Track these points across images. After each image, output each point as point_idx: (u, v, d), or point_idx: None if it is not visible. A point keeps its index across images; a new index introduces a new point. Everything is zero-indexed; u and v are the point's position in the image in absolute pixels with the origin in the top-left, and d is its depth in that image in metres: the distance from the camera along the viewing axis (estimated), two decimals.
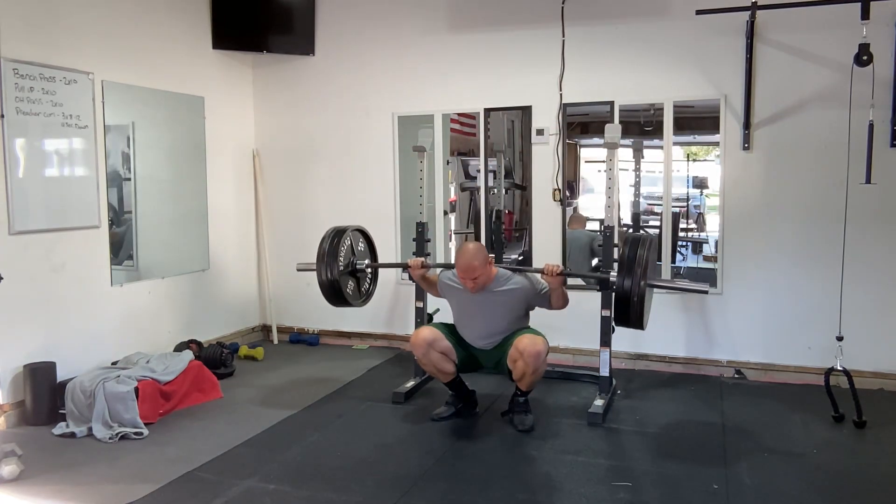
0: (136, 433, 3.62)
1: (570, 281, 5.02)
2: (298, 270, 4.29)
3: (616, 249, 3.86)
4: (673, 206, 4.72)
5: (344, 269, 4.09)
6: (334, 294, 4.07)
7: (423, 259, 4.04)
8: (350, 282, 4.17)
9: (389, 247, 5.31)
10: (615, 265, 3.96)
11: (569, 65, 4.79)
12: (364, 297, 4.33)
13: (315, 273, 4.05)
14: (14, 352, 3.79)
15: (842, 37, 4.09)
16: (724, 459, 3.28)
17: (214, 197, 5.25)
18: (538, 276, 3.72)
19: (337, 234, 4.09)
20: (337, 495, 2.96)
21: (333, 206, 5.45)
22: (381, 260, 4.51)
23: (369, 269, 4.32)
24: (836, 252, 3.91)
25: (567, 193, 4.99)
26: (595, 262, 5.32)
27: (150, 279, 4.70)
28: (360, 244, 4.30)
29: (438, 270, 3.99)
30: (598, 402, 3.87)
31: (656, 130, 4.72)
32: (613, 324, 3.94)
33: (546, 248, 4.94)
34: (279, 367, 4.96)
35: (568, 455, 3.35)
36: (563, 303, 3.75)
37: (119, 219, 4.51)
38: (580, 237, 5.23)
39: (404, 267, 4.10)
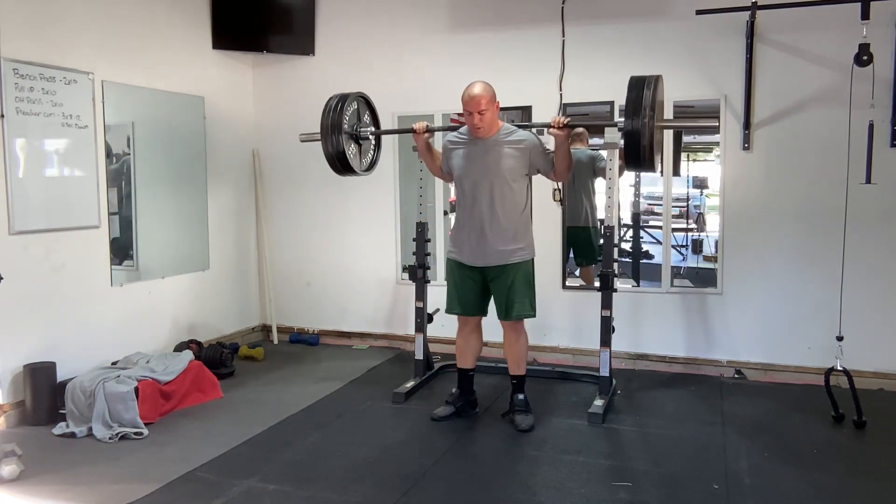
0: (136, 433, 3.62)
1: (570, 283, 5.04)
2: (302, 141, 4.22)
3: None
4: (673, 207, 4.72)
5: (348, 135, 4.02)
6: (340, 162, 4.01)
7: (427, 123, 3.94)
8: (353, 146, 4.10)
9: (389, 247, 5.32)
10: (615, 266, 3.98)
11: (569, 65, 4.79)
12: (369, 165, 4.29)
13: (320, 143, 3.98)
14: (14, 352, 3.79)
15: (842, 37, 4.09)
16: (724, 459, 3.28)
17: (214, 197, 5.25)
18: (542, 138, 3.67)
19: (340, 101, 4.01)
20: (337, 495, 2.96)
21: (333, 205, 5.45)
22: (380, 260, 4.51)
23: (373, 137, 4.26)
24: (836, 252, 3.91)
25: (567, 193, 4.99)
26: (598, 180, 5.31)
27: (150, 279, 4.70)
28: (365, 115, 4.23)
29: (443, 135, 3.91)
30: (598, 402, 3.87)
31: None
32: (614, 324, 3.95)
33: (546, 247, 4.93)
34: (279, 367, 4.96)
35: (568, 455, 3.35)
36: (567, 165, 3.65)
37: (119, 219, 4.51)
38: (581, 157, 5.18)
39: (410, 131, 3.96)
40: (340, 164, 4.03)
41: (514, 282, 3.66)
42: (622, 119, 3.47)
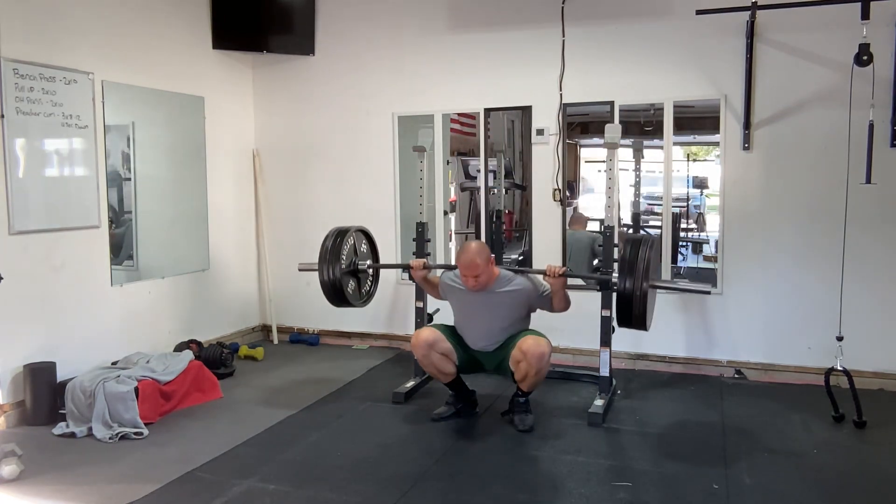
0: (136, 433, 3.62)
1: (570, 281, 5.03)
2: (300, 270, 4.29)
3: (617, 250, 3.86)
4: (673, 207, 4.72)
5: (346, 269, 4.09)
6: (336, 294, 4.07)
7: (424, 260, 4.05)
8: (351, 282, 4.17)
9: (389, 247, 5.31)
10: (615, 266, 3.98)
11: (569, 65, 4.79)
12: (365, 297, 4.33)
13: (317, 273, 4.05)
14: (14, 352, 3.79)
15: (842, 37, 4.09)
16: (724, 459, 3.28)
17: (214, 197, 5.24)
18: (540, 277, 3.72)
19: (339, 235, 4.09)
20: (337, 495, 2.96)
21: (333, 205, 5.44)
22: (382, 260, 4.51)
23: (371, 270, 4.32)
24: (836, 252, 3.91)
25: (567, 193, 4.99)
26: (596, 262, 5.33)
27: (150, 279, 4.70)
28: (362, 245, 4.29)
29: (440, 272, 3.99)
30: (598, 402, 3.87)
31: (656, 130, 4.72)
32: (614, 324, 3.95)
33: (546, 248, 4.94)
34: (279, 367, 4.96)
35: (568, 455, 3.35)
36: (565, 305, 3.75)
37: (119, 219, 4.51)
38: (581, 238, 5.23)
39: (406, 268, 4.09)
40: (336, 297, 4.08)
41: (518, 334, 3.70)
42: (617, 274, 3.60)
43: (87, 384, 3.73)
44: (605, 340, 3.96)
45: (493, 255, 3.70)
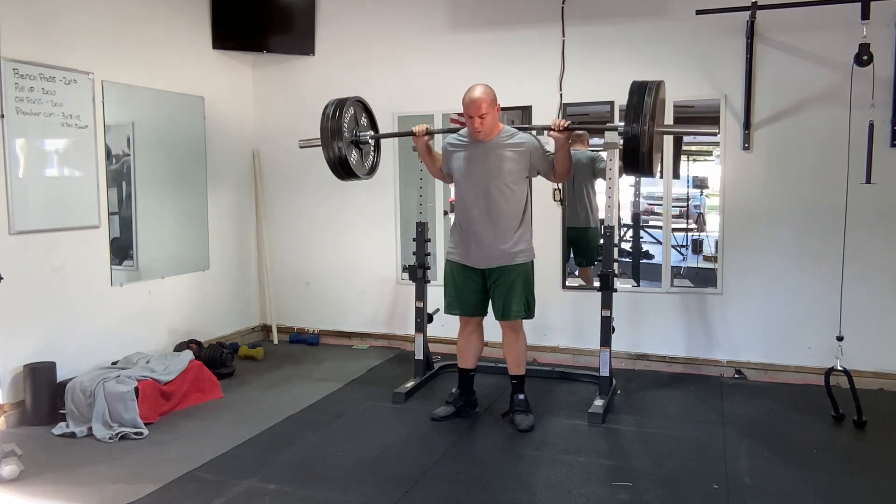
0: (136, 433, 3.62)
1: (570, 283, 5.04)
2: (301, 147, 4.22)
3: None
4: (673, 207, 4.72)
5: (349, 141, 4.01)
6: (342, 167, 4.00)
7: (427, 126, 3.93)
8: (354, 152, 4.10)
9: (389, 247, 5.31)
10: (615, 266, 3.98)
11: (569, 65, 4.79)
12: (369, 169, 4.28)
13: (321, 149, 3.97)
14: (14, 352, 3.79)
15: (842, 37, 4.09)
16: (724, 459, 3.28)
17: (214, 197, 5.24)
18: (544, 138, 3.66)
19: (338, 107, 4.00)
20: (337, 495, 2.96)
21: (333, 205, 5.44)
22: (380, 260, 4.51)
23: (373, 140, 4.26)
24: (836, 252, 3.91)
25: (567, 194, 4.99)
26: (598, 181, 5.31)
27: (150, 279, 4.70)
28: (362, 118, 4.22)
29: (442, 137, 3.90)
30: (598, 402, 3.87)
31: None
32: (614, 325, 3.95)
33: (546, 247, 4.93)
34: (279, 367, 4.96)
35: (568, 455, 3.35)
36: (567, 167, 3.65)
37: (119, 219, 4.51)
38: (581, 158, 5.18)
39: (409, 134, 3.95)
40: (343, 170, 4.03)
41: (514, 283, 3.66)
42: (622, 123, 3.46)
43: (87, 384, 3.73)
44: (605, 340, 3.95)
45: (499, 103, 3.61)
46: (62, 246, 4.04)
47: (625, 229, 6.60)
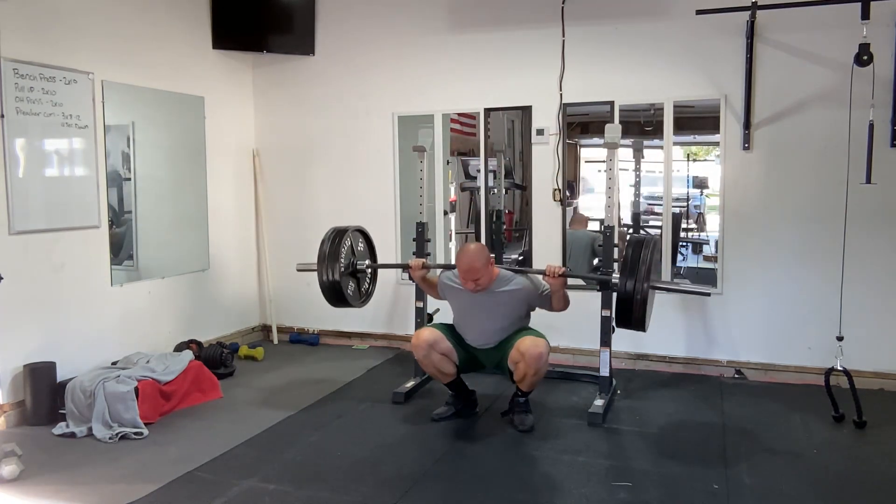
0: (136, 433, 3.62)
1: (570, 281, 5.03)
2: (299, 271, 4.29)
3: (617, 250, 3.85)
4: (673, 206, 4.72)
5: (345, 269, 4.09)
6: (335, 295, 4.07)
7: (423, 260, 4.04)
8: (350, 282, 4.16)
9: (389, 247, 5.31)
10: (615, 266, 3.98)
11: (569, 65, 4.79)
12: (364, 297, 4.33)
13: (315, 273, 4.05)
14: (14, 352, 3.79)
15: (842, 37, 4.09)
16: (724, 459, 3.28)
17: (214, 197, 5.25)
18: (539, 277, 3.72)
19: (337, 235, 4.09)
20: (337, 495, 2.96)
21: (333, 205, 5.44)
22: (380, 260, 4.51)
23: (369, 270, 4.32)
24: (836, 252, 3.91)
25: (567, 193, 4.99)
26: (596, 262, 5.33)
27: (150, 279, 4.70)
28: (359, 244, 4.30)
29: (439, 271, 3.99)
30: (598, 402, 3.87)
31: (656, 130, 4.72)
32: (614, 324, 3.94)
33: (546, 247, 4.94)
34: (279, 367, 4.96)
35: (568, 455, 3.35)
36: (564, 304, 3.74)
37: (119, 219, 4.51)
38: (581, 238, 5.23)
39: (405, 268, 4.08)
40: (335, 298, 4.07)
41: (516, 333, 3.70)
42: (617, 275, 3.59)
43: (87, 384, 3.73)
44: (605, 340, 3.96)
45: (492, 256, 3.69)
46: (62, 246, 4.04)
47: (625, 229, 6.60)
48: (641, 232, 6.75)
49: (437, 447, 3.47)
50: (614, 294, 3.62)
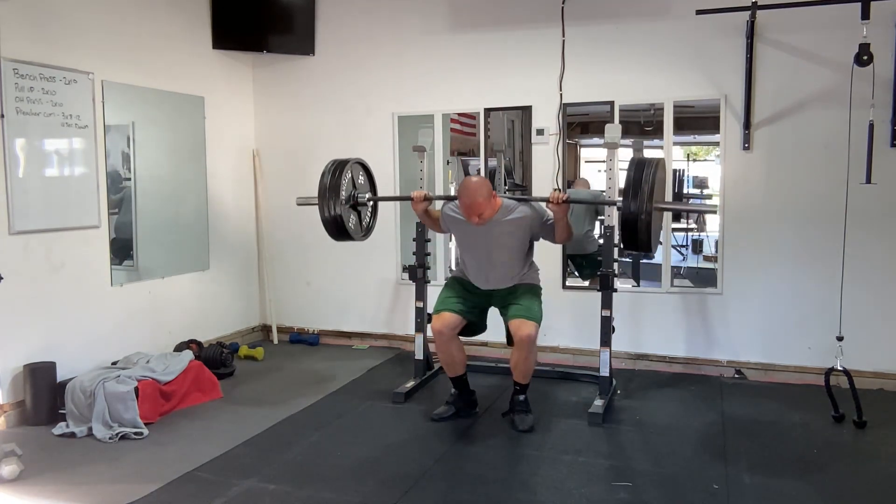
0: (136, 433, 3.62)
1: (571, 283, 5.04)
2: (299, 205, 4.22)
3: (618, 213, 3.80)
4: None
5: (345, 202, 4.02)
6: (337, 229, 4.00)
7: (426, 191, 3.95)
8: (352, 216, 4.10)
9: (389, 247, 5.31)
10: (615, 266, 3.98)
11: (569, 65, 4.79)
12: (365, 231, 4.28)
13: (317, 209, 3.98)
14: (14, 352, 3.79)
15: (842, 37, 4.09)
16: (724, 459, 3.28)
17: (214, 197, 5.25)
18: (543, 205, 3.67)
19: (338, 167, 4.01)
20: (337, 495, 2.96)
21: None
22: (380, 260, 4.51)
23: (370, 203, 4.27)
24: (836, 252, 3.91)
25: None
26: (599, 220, 5.35)
27: (150, 279, 4.70)
28: (360, 177, 4.22)
29: (440, 203, 3.93)
30: (598, 402, 3.87)
31: (656, 130, 4.72)
32: (613, 324, 3.95)
33: (546, 247, 4.92)
34: (279, 367, 4.96)
35: (568, 455, 3.35)
36: (567, 234, 3.70)
37: (119, 218, 4.51)
38: (584, 195, 5.23)
39: (407, 199, 3.98)
40: (337, 231, 4.03)
41: (522, 294, 3.70)
42: (620, 199, 3.52)
43: (87, 384, 3.73)
44: (605, 340, 3.95)
45: (493, 189, 3.63)
46: (62, 246, 4.04)
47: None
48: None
49: (437, 447, 3.47)
50: (619, 214, 3.52)
